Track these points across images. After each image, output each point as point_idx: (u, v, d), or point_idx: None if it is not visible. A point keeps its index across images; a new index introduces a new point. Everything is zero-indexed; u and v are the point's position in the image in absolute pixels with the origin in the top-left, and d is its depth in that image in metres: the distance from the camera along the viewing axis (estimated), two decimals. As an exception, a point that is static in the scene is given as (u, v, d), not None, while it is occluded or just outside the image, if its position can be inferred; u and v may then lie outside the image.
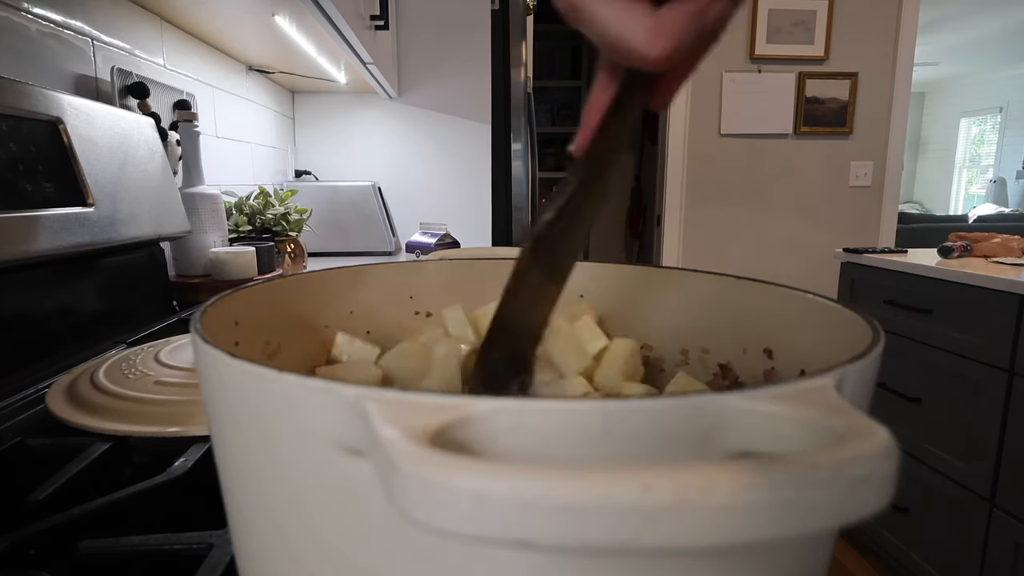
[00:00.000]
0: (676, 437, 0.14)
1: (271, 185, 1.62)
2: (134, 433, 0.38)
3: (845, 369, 0.16)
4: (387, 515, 0.14)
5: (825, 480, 0.11)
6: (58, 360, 0.60)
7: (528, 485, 0.11)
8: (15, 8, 0.70)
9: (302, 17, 1.09)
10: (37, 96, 0.63)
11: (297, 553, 0.17)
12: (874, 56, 2.64)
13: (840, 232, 2.75)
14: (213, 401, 0.18)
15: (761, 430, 0.14)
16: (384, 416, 0.13)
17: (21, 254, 0.56)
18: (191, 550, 0.28)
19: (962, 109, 5.64)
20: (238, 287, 0.27)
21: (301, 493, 0.16)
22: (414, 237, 1.53)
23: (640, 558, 0.14)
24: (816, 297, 0.26)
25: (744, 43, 2.59)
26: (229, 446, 0.18)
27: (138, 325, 0.75)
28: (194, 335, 0.19)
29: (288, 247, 1.21)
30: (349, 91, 1.85)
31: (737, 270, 2.04)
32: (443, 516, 0.11)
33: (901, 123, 2.69)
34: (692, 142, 2.66)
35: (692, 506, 0.10)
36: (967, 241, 1.55)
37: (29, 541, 0.28)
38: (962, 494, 1.34)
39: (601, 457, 0.14)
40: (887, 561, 1.62)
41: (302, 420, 0.15)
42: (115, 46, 0.90)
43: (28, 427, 0.43)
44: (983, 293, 1.26)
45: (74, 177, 0.66)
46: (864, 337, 0.20)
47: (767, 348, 0.29)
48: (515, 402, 0.13)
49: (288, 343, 0.31)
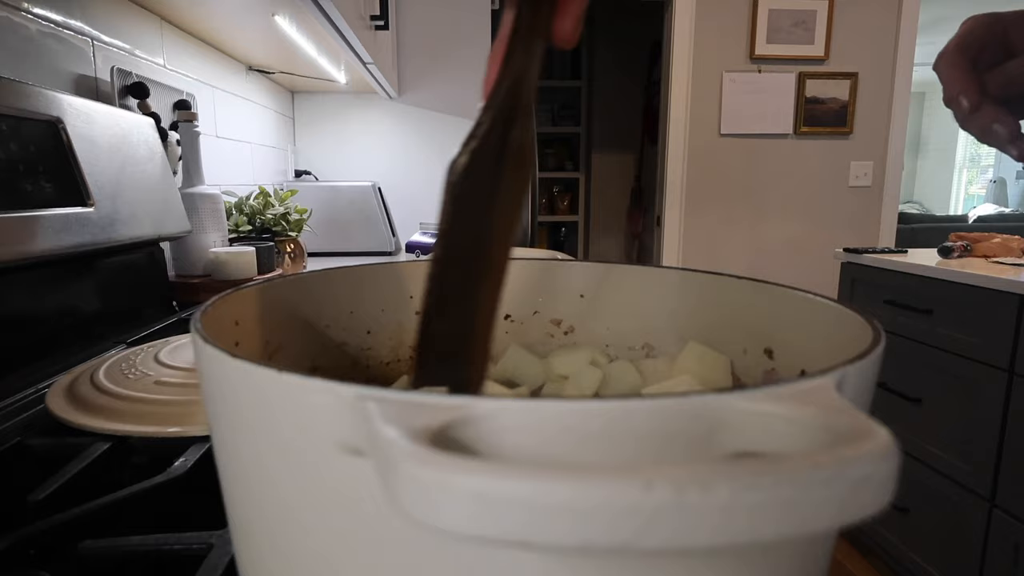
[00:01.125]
0: (677, 437, 0.14)
1: (271, 185, 1.62)
2: (134, 433, 0.38)
3: (845, 369, 0.16)
4: (388, 515, 0.14)
5: (826, 480, 0.11)
6: (58, 360, 0.60)
7: (528, 485, 0.11)
8: (15, 8, 0.70)
9: (302, 17, 1.09)
10: (37, 96, 0.63)
11: (298, 553, 0.17)
12: (874, 56, 2.64)
13: (840, 232, 2.75)
14: (213, 401, 0.18)
15: (761, 430, 0.14)
16: (385, 416, 0.13)
17: (21, 254, 0.56)
18: (191, 550, 0.28)
19: (962, 109, 5.63)
20: (238, 287, 0.27)
21: (301, 493, 0.16)
22: (414, 237, 1.53)
23: (640, 558, 0.14)
24: (816, 297, 0.26)
25: (744, 43, 2.59)
26: (229, 446, 0.18)
27: (138, 325, 0.74)
28: (194, 335, 0.19)
29: (288, 247, 1.21)
30: (349, 91, 1.85)
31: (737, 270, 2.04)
32: (443, 516, 0.11)
33: (901, 123, 2.69)
34: (692, 142, 2.66)
35: (692, 506, 0.10)
36: (967, 241, 1.55)
37: (29, 541, 0.28)
38: (962, 494, 1.34)
39: (601, 457, 0.14)
40: (887, 561, 1.62)
41: (302, 420, 0.15)
42: (115, 46, 0.90)
43: (28, 427, 0.43)
44: (983, 293, 1.26)
45: (74, 177, 0.66)
46: (864, 337, 0.20)
47: (767, 348, 0.29)
48: (516, 402, 0.13)
49: (288, 343, 0.31)
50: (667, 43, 2.64)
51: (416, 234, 1.55)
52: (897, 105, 2.67)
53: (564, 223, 4.13)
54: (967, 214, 4.19)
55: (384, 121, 1.89)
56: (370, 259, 1.40)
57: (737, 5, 2.56)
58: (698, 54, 2.59)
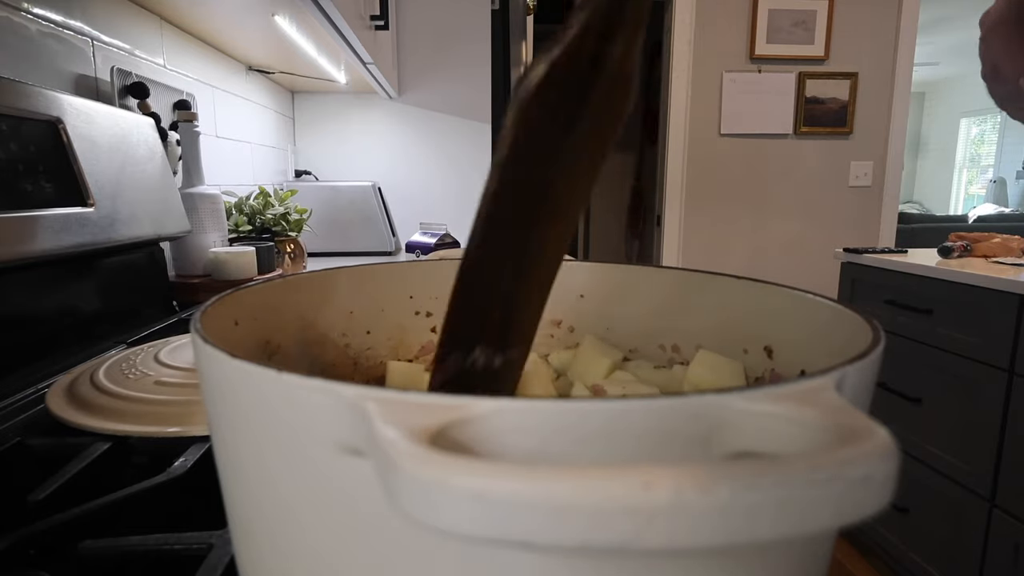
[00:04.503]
0: (676, 437, 0.14)
1: (271, 185, 1.62)
2: (134, 433, 0.38)
3: (845, 369, 0.16)
4: (387, 515, 0.14)
5: (825, 480, 0.11)
6: (58, 360, 0.60)
7: (528, 485, 0.11)
8: (15, 8, 0.70)
9: (302, 17, 1.09)
10: (37, 96, 0.63)
11: (297, 553, 0.17)
12: (874, 56, 2.64)
13: (840, 232, 2.75)
14: (213, 401, 0.18)
15: (761, 430, 0.14)
16: (384, 416, 0.13)
17: (21, 254, 0.56)
18: (191, 550, 0.28)
19: (962, 109, 5.64)
20: (238, 287, 0.27)
21: (301, 493, 0.16)
22: (414, 237, 1.53)
23: (640, 558, 0.14)
24: (816, 297, 0.26)
25: (744, 43, 2.59)
26: (229, 446, 0.18)
27: (138, 325, 0.74)
28: (194, 335, 0.19)
29: (288, 247, 1.21)
30: (349, 91, 1.85)
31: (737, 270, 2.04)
32: (443, 516, 0.11)
33: (901, 123, 2.69)
34: (692, 142, 2.66)
35: (692, 506, 0.10)
36: (967, 241, 1.55)
37: (29, 541, 0.28)
38: (962, 494, 1.34)
39: (601, 457, 0.14)
40: (887, 561, 1.62)
41: (302, 420, 0.15)
42: (115, 46, 0.90)
43: (28, 427, 0.43)
44: (983, 293, 1.26)
45: (74, 177, 0.66)
46: (864, 337, 0.20)
47: (767, 348, 0.29)
48: (516, 402, 0.13)
49: (288, 343, 0.31)
50: (667, 43, 2.64)
51: (416, 234, 1.55)
52: (897, 105, 2.67)
53: (564, 223, 4.13)
54: (967, 214, 4.19)
55: (384, 121, 1.89)
56: (370, 259, 1.40)
57: (737, 5, 2.56)
58: (698, 54, 2.59)
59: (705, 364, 0.30)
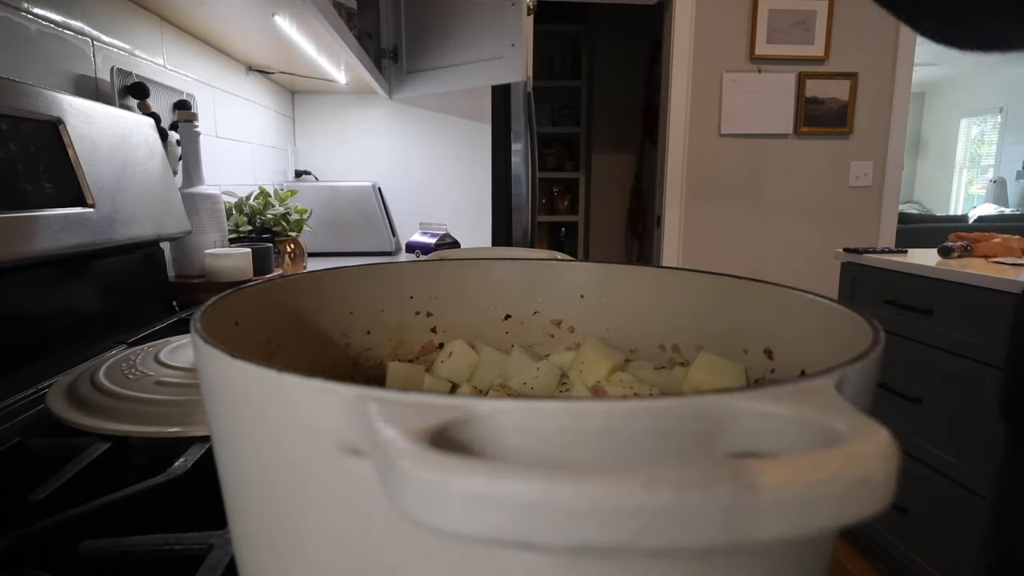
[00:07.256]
0: (677, 437, 0.14)
1: (271, 185, 1.62)
2: (134, 433, 0.38)
3: (845, 369, 0.16)
4: (387, 515, 0.14)
5: (825, 481, 0.11)
6: (58, 360, 0.60)
7: (528, 485, 0.11)
8: (15, 8, 0.70)
9: (302, 17, 1.09)
10: (37, 96, 0.63)
11: (297, 553, 0.17)
12: (874, 56, 2.64)
13: (840, 232, 2.75)
14: (213, 401, 0.18)
15: (762, 430, 0.14)
16: (384, 416, 0.13)
17: (21, 254, 0.56)
18: (191, 550, 0.28)
19: (962, 109, 5.64)
20: (238, 287, 0.27)
21: (301, 493, 0.16)
22: (414, 237, 1.53)
23: (640, 558, 0.14)
24: (816, 297, 0.26)
25: (744, 43, 2.59)
26: (229, 446, 0.18)
27: (138, 325, 0.74)
28: (194, 335, 0.19)
29: (288, 247, 1.21)
30: (349, 91, 1.85)
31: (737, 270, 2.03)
32: (443, 516, 0.11)
33: (901, 123, 2.69)
34: (692, 142, 2.66)
35: (692, 506, 0.10)
36: (967, 241, 1.55)
37: (29, 541, 0.28)
38: (962, 494, 1.34)
39: (601, 457, 0.14)
40: (887, 561, 1.62)
41: (302, 420, 0.15)
42: (115, 46, 0.90)
43: (28, 427, 0.43)
44: (983, 293, 1.26)
45: (74, 177, 0.66)
46: (864, 337, 0.20)
47: (767, 348, 0.29)
48: (515, 402, 0.13)
49: (288, 343, 0.31)
50: (667, 43, 2.64)
51: (416, 234, 1.55)
52: (897, 105, 2.67)
53: (564, 223, 4.13)
54: (967, 214, 4.19)
55: (384, 121, 1.89)
56: (370, 259, 1.40)
57: (737, 5, 2.56)
58: (698, 54, 2.59)
59: (705, 366, 0.30)
